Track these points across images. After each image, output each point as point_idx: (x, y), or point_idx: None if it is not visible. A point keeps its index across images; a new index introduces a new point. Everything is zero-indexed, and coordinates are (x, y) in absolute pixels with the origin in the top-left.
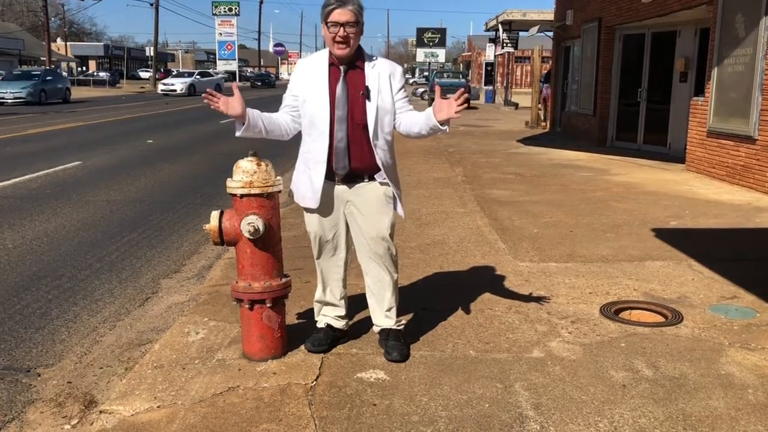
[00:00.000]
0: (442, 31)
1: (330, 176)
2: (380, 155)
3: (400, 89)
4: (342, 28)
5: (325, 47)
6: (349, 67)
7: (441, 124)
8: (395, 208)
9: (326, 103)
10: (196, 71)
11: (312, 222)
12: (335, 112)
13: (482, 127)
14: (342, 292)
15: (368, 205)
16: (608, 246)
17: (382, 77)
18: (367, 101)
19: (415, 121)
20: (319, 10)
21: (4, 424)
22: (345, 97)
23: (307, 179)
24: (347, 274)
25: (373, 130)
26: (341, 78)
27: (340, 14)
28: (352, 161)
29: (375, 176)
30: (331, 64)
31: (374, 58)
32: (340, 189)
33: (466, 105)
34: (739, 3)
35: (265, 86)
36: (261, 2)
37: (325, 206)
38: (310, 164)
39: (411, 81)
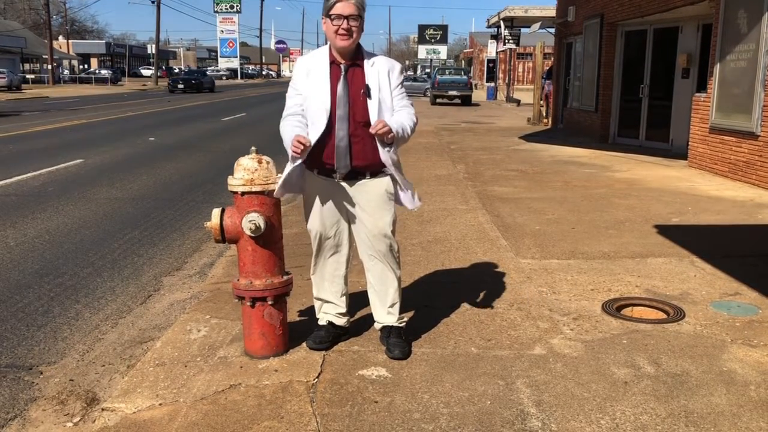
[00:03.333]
0: (444, 28)
1: (327, 173)
2: (384, 152)
3: (398, 86)
4: (345, 21)
5: (326, 44)
6: (349, 65)
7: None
8: (409, 200)
9: (327, 101)
10: None
11: (314, 220)
12: (336, 111)
13: (484, 123)
14: (343, 290)
15: (370, 202)
16: (610, 243)
17: (381, 74)
18: (368, 99)
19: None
20: (320, 6)
21: (7, 422)
22: (346, 96)
23: (295, 173)
24: (348, 272)
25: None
26: (342, 76)
27: (344, 7)
28: (354, 159)
29: (377, 173)
30: (332, 63)
31: (374, 55)
32: (341, 186)
33: (383, 132)
34: None
35: (192, 90)
36: None
37: (327, 204)
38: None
39: (412, 77)
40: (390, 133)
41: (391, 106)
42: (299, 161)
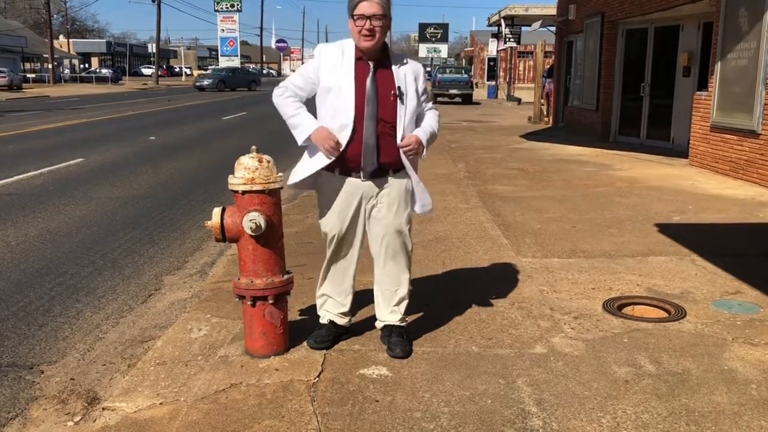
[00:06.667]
0: (445, 27)
1: (351, 173)
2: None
3: (424, 90)
4: (368, 21)
5: (340, 40)
6: (377, 63)
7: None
8: (420, 202)
9: (352, 98)
10: None
11: (332, 220)
12: (365, 109)
13: (485, 122)
14: (350, 289)
15: (391, 199)
16: (611, 241)
17: (408, 78)
18: (398, 102)
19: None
20: (321, 5)
21: (8, 421)
22: (375, 95)
23: (308, 166)
24: (357, 271)
25: (403, 129)
26: (370, 75)
27: (368, 6)
28: (381, 157)
29: (398, 170)
30: (358, 59)
31: (403, 58)
32: (364, 185)
33: (413, 151)
34: None
35: None
36: None
37: (348, 203)
38: (319, 157)
39: None
40: (418, 152)
41: (417, 110)
42: (326, 160)
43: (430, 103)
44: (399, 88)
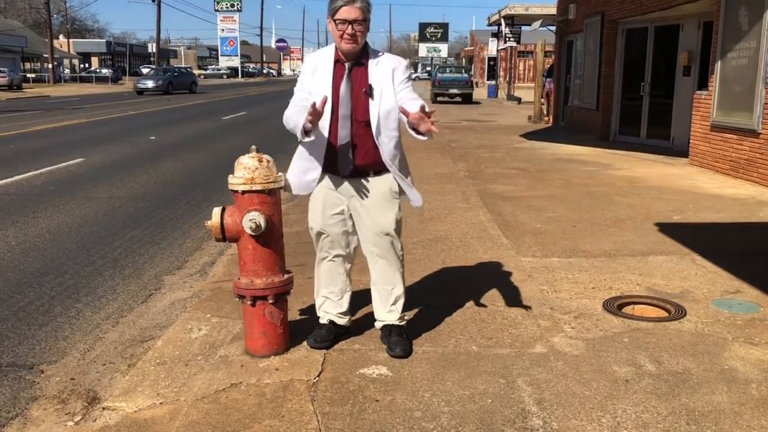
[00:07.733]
0: (445, 26)
1: (333, 171)
2: (385, 152)
3: (403, 80)
4: (350, 26)
5: (328, 43)
6: (354, 64)
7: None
8: (410, 197)
9: (330, 100)
10: None
11: (316, 217)
12: (338, 111)
13: (485, 122)
14: (345, 289)
15: (373, 200)
16: (611, 241)
17: (385, 74)
18: (369, 99)
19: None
20: (321, 4)
21: (8, 421)
22: (349, 96)
23: (301, 172)
24: (351, 270)
25: (376, 127)
26: (345, 76)
27: (349, 11)
28: (356, 159)
29: (380, 171)
30: (336, 61)
31: (380, 54)
32: (345, 184)
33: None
34: None
35: None
36: None
37: (331, 201)
38: (306, 159)
39: (414, 77)
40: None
41: (394, 105)
42: (309, 138)
43: (413, 94)
44: (370, 85)
